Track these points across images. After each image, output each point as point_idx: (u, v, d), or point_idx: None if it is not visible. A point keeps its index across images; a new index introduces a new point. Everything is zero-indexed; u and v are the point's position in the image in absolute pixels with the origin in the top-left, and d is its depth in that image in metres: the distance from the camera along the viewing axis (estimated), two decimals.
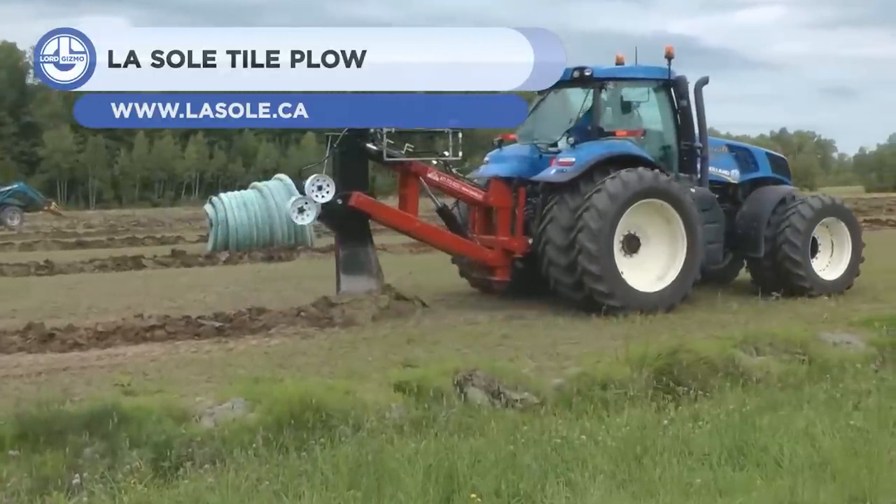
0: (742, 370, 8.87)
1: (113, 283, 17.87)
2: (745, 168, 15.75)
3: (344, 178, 13.21)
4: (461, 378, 8.01)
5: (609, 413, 7.67)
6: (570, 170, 13.52)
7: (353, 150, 13.32)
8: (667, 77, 14.62)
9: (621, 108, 14.63)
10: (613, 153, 13.79)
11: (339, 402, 7.27)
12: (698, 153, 14.72)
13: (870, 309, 12.76)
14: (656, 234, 13.87)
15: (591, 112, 14.29)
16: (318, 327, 12.07)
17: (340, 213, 13.14)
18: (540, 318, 12.84)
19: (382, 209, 13.98)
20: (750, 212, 15.27)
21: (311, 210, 13.05)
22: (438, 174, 14.10)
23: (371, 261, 13.43)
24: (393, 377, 7.97)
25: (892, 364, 9.60)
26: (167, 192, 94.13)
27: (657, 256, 13.86)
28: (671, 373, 8.55)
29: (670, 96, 14.73)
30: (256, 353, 10.45)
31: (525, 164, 14.43)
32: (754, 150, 16.47)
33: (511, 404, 7.89)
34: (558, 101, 15.08)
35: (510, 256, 14.17)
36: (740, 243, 15.26)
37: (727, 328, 11.41)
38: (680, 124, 14.72)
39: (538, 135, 14.86)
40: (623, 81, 14.64)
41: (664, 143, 14.88)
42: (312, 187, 13.01)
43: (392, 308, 12.96)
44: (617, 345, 9.78)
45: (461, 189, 14.37)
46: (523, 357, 9.67)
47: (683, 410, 7.76)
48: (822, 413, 7.50)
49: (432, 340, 11.05)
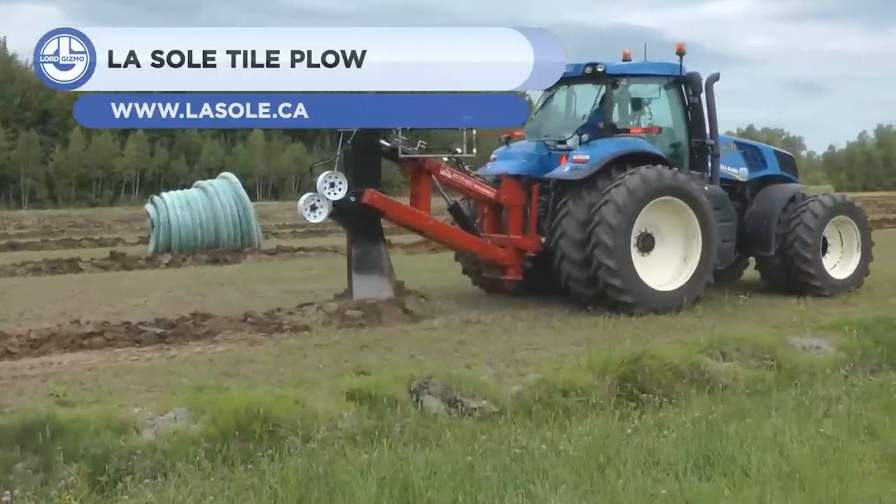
0: (708, 376, 8.94)
1: (47, 287, 17.64)
2: (753, 166, 16.15)
3: (357, 175, 13.48)
4: (416, 386, 8.00)
5: (571, 421, 7.69)
6: (585, 167, 13.85)
7: (366, 147, 13.58)
8: (678, 73, 15.01)
9: (634, 105, 14.97)
10: (628, 150, 14.15)
11: (288, 411, 7.23)
12: (709, 151, 15.09)
13: (839, 313, 12.92)
14: (671, 233, 14.22)
15: (602, 109, 14.63)
16: (265, 333, 12.01)
17: (353, 210, 13.37)
18: (498, 322, 12.86)
19: (396, 207, 14.17)
20: (759, 210, 15.67)
21: (324, 207, 13.31)
22: (451, 171, 14.39)
23: (383, 260, 13.63)
24: (345, 385, 7.94)
25: (862, 369, 9.73)
26: (105, 191, 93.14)
27: (671, 256, 14.21)
28: (635, 379, 8.60)
29: (681, 93, 15.12)
30: (200, 361, 10.36)
31: (533, 162, 14.81)
32: (762, 147, 16.93)
33: (468, 413, 7.89)
34: (567, 98, 15.47)
35: (522, 255, 14.48)
36: (750, 242, 15.63)
37: (692, 333, 11.50)
38: (691, 121, 15.11)
39: (546, 132, 15.27)
40: (635, 78, 14.98)
41: (675, 140, 15.24)
42: (325, 184, 13.29)
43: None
44: (579, 350, 9.83)
45: (473, 187, 14.67)
46: (481, 363, 9.68)
47: (648, 418, 7.80)
48: (791, 420, 7.57)
49: (386, 346, 11.03)
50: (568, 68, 14.40)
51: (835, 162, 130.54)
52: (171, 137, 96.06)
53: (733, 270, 16.35)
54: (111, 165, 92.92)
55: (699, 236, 14.17)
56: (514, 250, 14.49)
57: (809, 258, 15.31)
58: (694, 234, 14.19)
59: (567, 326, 12.49)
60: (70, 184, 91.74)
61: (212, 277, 19.04)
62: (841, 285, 15.52)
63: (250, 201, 26.32)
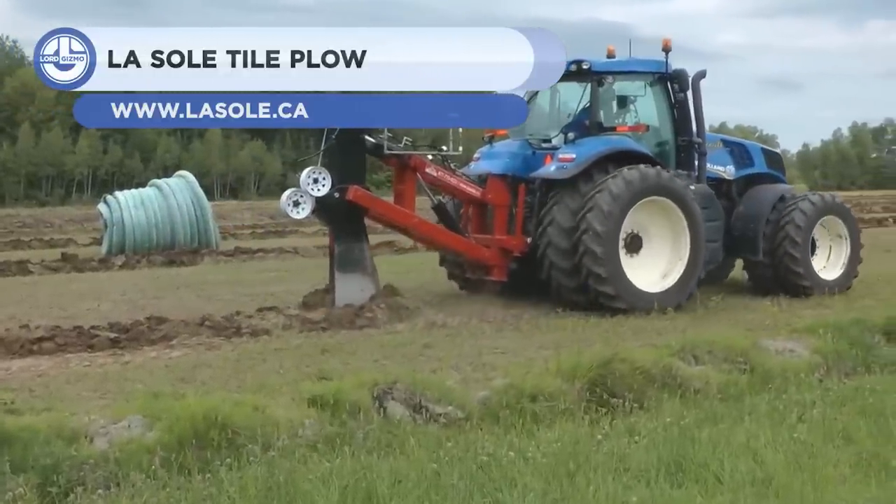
0: (680, 380, 8.98)
1: None
2: (739, 164, 16.35)
3: (341, 171, 13.61)
4: (380, 391, 7.98)
5: (539, 427, 7.70)
6: (571, 166, 14.02)
7: (350, 143, 13.71)
8: (664, 70, 15.17)
9: (620, 103, 15.19)
10: (614, 149, 14.30)
11: (247, 418, 7.19)
12: (696, 149, 15.24)
13: (814, 315, 13.05)
14: (658, 233, 14.44)
15: (588, 107, 14.79)
16: (224, 337, 11.97)
17: (336, 207, 13.50)
18: (464, 326, 12.88)
19: (380, 204, 14.30)
20: (747, 212, 15.86)
21: (307, 204, 13.42)
22: (437, 169, 14.56)
23: (366, 258, 13.77)
24: (306, 391, 7.90)
25: (836, 372, 9.81)
26: (56, 189, 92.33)
27: (660, 255, 14.44)
28: (605, 384, 8.62)
29: (667, 90, 15.29)
30: (156, 367, 10.31)
31: (517, 161, 15.00)
32: (749, 144, 17.16)
33: (434, 419, 7.88)
34: (551, 96, 15.61)
35: (508, 256, 14.62)
36: (738, 245, 15.79)
37: (664, 335, 11.56)
38: (677, 119, 15.29)
39: (530, 131, 15.41)
40: (621, 75, 15.18)
41: (661, 138, 15.42)
42: (308, 180, 13.42)
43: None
44: (547, 354, 9.86)
45: (459, 185, 14.83)
46: (447, 368, 9.69)
47: (618, 424, 7.82)
48: (765, 426, 7.62)
49: (349, 351, 11.02)
50: None
51: (809, 160, 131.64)
52: (124, 134, 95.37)
53: (719, 271, 16.51)
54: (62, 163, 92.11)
55: (687, 235, 14.40)
56: (499, 251, 14.65)
57: (798, 258, 15.52)
58: (682, 233, 14.43)
59: (535, 329, 12.53)
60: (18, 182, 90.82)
61: (167, 280, 18.95)
62: (830, 286, 15.69)
63: (208, 201, 26.24)
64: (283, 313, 13.09)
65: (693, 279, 14.47)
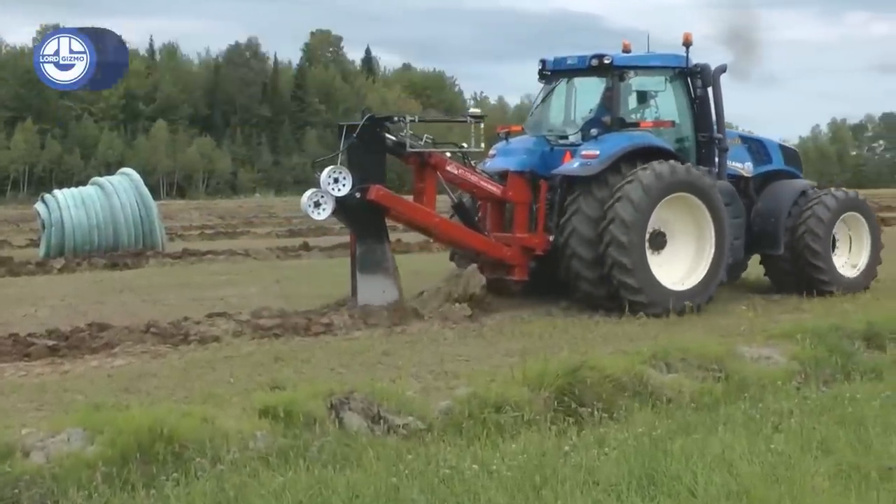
0: (651, 389, 9.02)
1: None
2: (757, 160, 16.84)
3: (362, 170, 13.92)
4: (336, 401, 7.97)
5: (504, 439, 7.71)
6: (595, 162, 14.37)
7: (371, 141, 14.05)
8: (685, 65, 15.60)
9: (640, 98, 15.60)
10: (638, 145, 14.70)
11: (195, 430, 7.16)
12: (717, 145, 15.66)
13: (791, 320, 13.13)
14: (682, 231, 14.85)
15: (609, 102, 15.16)
16: (170, 345, 11.90)
17: (357, 207, 13.84)
18: (425, 332, 12.88)
19: (402, 204, 14.64)
20: (767, 207, 16.31)
21: (328, 204, 13.72)
22: (457, 167, 14.86)
23: (388, 259, 14.12)
24: (258, 401, 7.87)
25: (815, 380, 9.88)
26: None
27: (683, 254, 14.86)
28: (573, 393, 8.64)
29: (687, 85, 15.72)
30: (97, 376, 10.24)
31: (534, 158, 15.43)
32: (767, 141, 17.60)
33: (393, 430, 7.87)
34: (569, 92, 16.02)
35: (529, 254, 14.92)
36: (757, 240, 16.23)
37: (635, 342, 11.62)
38: (697, 114, 15.72)
39: (547, 126, 15.90)
40: (642, 70, 15.61)
41: (681, 134, 15.79)
42: (328, 180, 13.69)
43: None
44: (512, 362, 9.87)
45: (479, 183, 15.14)
46: (406, 377, 9.68)
47: (587, 435, 7.84)
48: (740, 436, 7.66)
49: (303, 358, 11.00)
50: (572, 60, 15.37)
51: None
52: (64, 129, 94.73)
53: (734, 271, 16.80)
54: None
55: (712, 234, 14.82)
56: (520, 249, 14.97)
57: (820, 255, 15.95)
58: (706, 232, 14.84)
59: (500, 336, 12.55)
60: None
61: (110, 284, 18.83)
62: (850, 284, 16.19)
63: (153, 200, 26.07)
64: (233, 319, 13.05)
65: (715, 280, 14.93)
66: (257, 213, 53.48)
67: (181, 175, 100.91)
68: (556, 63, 15.96)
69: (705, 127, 15.76)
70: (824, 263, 16.07)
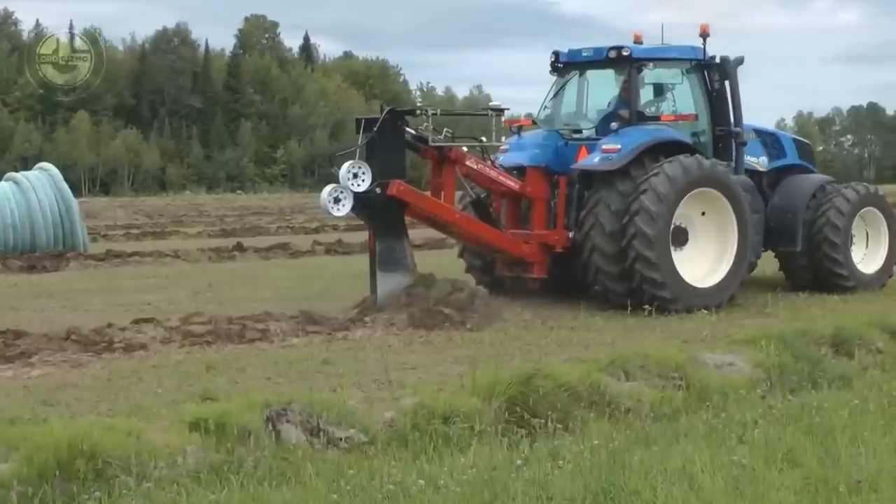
0: (609, 399, 9.07)
1: None
2: (772, 155, 17.42)
3: (381, 164, 14.32)
4: (273, 413, 7.94)
5: (452, 452, 7.72)
6: (617, 157, 14.84)
7: (391, 135, 14.49)
8: (702, 57, 16.14)
9: (658, 91, 16.26)
10: (659, 139, 15.22)
11: (120, 445, 7.11)
12: (734, 139, 16.19)
13: (755, 325, 13.26)
14: (704, 227, 15.40)
15: (628, 95, 15.67)
16: (93, 353, 11.80)
17: (376, 203, 14.27)
18: (368, 339, 12.87)
19: (423, 199, 15.08)
20: (783, 202, 16.89)
21: (347, 199, 14.09)
22: (476, 162, 15.32)
23: (408, 256, 14.52)
24: (188, 414, 7.84)
25: (780, 388, 9.98)
26: None
27: (705, 251, 15.41)
28: (526, 403, 8.67)
29: (704, 78, 16.24)
30: (13, 388, 10.13)
31: (549, 152, 15.90)
32: (781, 135, 18.33)
33: (334, 444, 7.87)
34: (582, 85, 16.51)
35: (548, 251, 15.41)
36: (774, 236, 16.76)
37: (591, 349, 11.69)
38: (715, 108, 16.25)
39: (561, 120, 16.39)
40: (661, 62, 16.16)
41: (698, 128, 16.28)
42: (348, 175, 14.06)
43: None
44: (461, 370, 9.89)
45: (498, 178, 15.59)
46: (348, 386, 9.66)
47: (540, 447, 7.88)
48: (702, 448, 7.72)
49: (237, 367, 10.95)
50: (587, 52, 15.95)
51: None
52: None
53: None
54: None
55: (735, 230, 15.36)
56: (539, 246, 15.45)
57: (838, 245, 16.54)
58: (729, 228, 15.38)
59: (448, 343, 12.56)
60: None
61: (27, 288, 18.65)
62: (868, 281, 16.87)
63: (74, 197, 25.83)
64: (161, 325, 12.96)
65: (738, 277, 15.48)
66: (187, 212, 53.18)
67: (105, 170, 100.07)
68: (570, 55, 16.48)
69: (722, 120, 16.31)
70: (843, 258, 16.67)
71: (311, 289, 17.40)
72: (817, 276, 16.82)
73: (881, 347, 11.80)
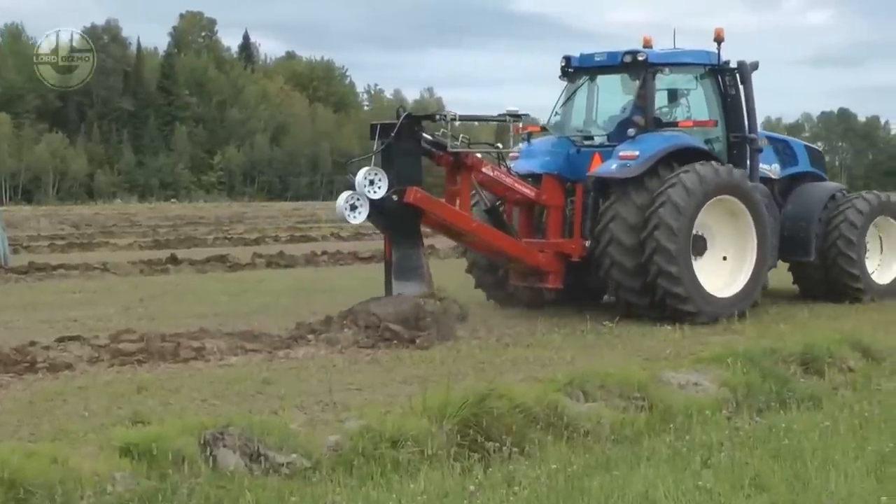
0: (567, 420, 9.09)
1: None
2: (784, 162, 18.04)
3: (398, 171, 14.73)
4: (209, 437, 7.91)
5: (401, 477, 7.72)
6: (635, 164, 15.28)
7: (408, 141, 14.90)
8: (716, 62, 16.69)
9: (671, 97, 16.58)
10: (677, 145, 15.67)
11: (44, 473, 7.05)
12: (749, 145, 16.68)
13: (721, 342, 13.33)
14: (722, 235, 15.93)
15: (643, 101, 16.16)
16: (14, 374, 11.69)
17: (393, 210, 14.63)
18: (311, 357, 12.84)
19: (441, 207, 15.49)
20: (796, 211, 17.56)
21: (364, 207, 14.50)
22: (493, 168, 15.78)
23: (423, 265, 14.91)
24: (117, 438, 7.78)
25: (747, 409, 10.05)
26: None
27: (722, 258, 15.91)
28: (479, 425, 8.68)
29: (718, 83, 16.76)
30: None
31: (560, 159, 16.39)
32: (793, 142, 18.97)
33: (275, 469, 7.85)
34: (595, 91, 17.02)
35: (564, 261, 15.85)
36: (787, 246, 17.31)
37: (548, 368, 11.71)
38: (729, 114, 16.76)
39: (573, 127, 16.89)
40: (676, 67, 16.59)
41: (712, 134, 16.76)
42: (364, 182, 14.45)
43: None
44: (411, 390, 9.88)
45: (514, 185, 15.99)
46: (290, 408, 9.65)
47: (495, 472, 7.89)
48: (665, 472, 7.76)
49: (171, 388, 10.89)
50: (600, 57, 16.46)
51: None
52: None
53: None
54: None
55: (754, 237, 15.89)
56: (554, 255, 15.86)
57: (854, 259, 17.18)
58: (748, 235, 15.91)
59: (397, 362, 12.55)
60: None
61: None
62: (883, 291, 17.55)
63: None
64: (89, 343, 12.86)
65: (758, 286, 16.01)
66: (117, 222, 52.90)
67: (27, 177, 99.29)
68: (581, 60, 16.90)
69: (737, 126, 16.75)
70: (859, 271, 17.31)
71: (250, 304, 17.35)
72: (831, 287, 17.47)
73: (852, 366, 11.90)
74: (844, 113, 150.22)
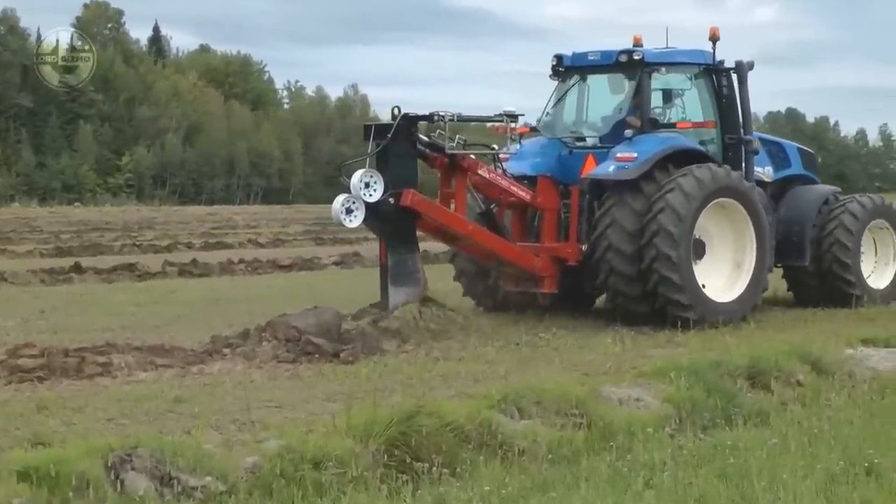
0: (501, 439, 9.12)
1: None
2: (777, 164, 18.57)
3: (394, 174, 15.14)
4: (116, 459, 7.86)
5: (324, 501, 7.72)
6: (632, 166, 15.67)
7: (404, 142, 15.32)
8: (711, 62, 17.13)
9: (665, 97, 17.11)
10: (675, 147, 16.12)
11: None
12: (745, 147, 17.12)
13: (664, 355, 13.43)
14: (720, 238, 16.38)
15: (640, 102, 16.56)
16: None
17: (388, 214, 15.07)
18: (227, 373, 12.79)
19: (437, 210, 15.91)
20: (790, 214, 18.07)
21: (359, 210, 14.94)
22: (489, 171, 16.11)
23: (419, 269, 15.35)
24: (15, 461, 7.71)
25: (691, 426, 10.14)
26: None
27: (722, 263, 16.48)
28: (407, 445, 8.70)
29: (713, 83, 17.20)
30: None
31: (552, 161, 16.83)
32: (785, 144, 19.48)
33: (187, 493, 7.81)
34: (586, 91, 17.42)
35: (559, 265, 16.21)
36: (781, 250, 17.69)
37: (481, 383, 11.75)
38: (724, 115, 17.21)
39: (564, 128, 17.34)
40: (672, 66, 17.02)
41: (707, 136, 17.21)
42: (360, 184, 14.86)
43: None
44: (334, 408, 9.88)
45: (510, 188, 16.34)
46: (204, 428, 9.58)
47: (424, 495, 7.90)
48: (606, 493, 7.81)
49: (74, 407, 10.80)
50: (594, 56, 16.88)
51: None
52: None
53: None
54: None
55: (753, 240, 16.38)
56: (550, 259, 16.22)
57: (849, 264, 17.70)
58: (746, 238, 16.40)
59: (319, 377, 12.54)
60: None
61: None
62: (878, 296, 18.07)
63: None
64: None
65: (759, 289, 16.54)
66: (16, 227, 52.26)
67: None
68: (574, 59, 17.26)
69: (732, 128, 17.18)
70: (854, 276, 17.85)
71: (161, 316, 17.23)
72: (827, 292, 17.98)
73: (801, 380, 12.04)
74: (793, 113, 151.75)
